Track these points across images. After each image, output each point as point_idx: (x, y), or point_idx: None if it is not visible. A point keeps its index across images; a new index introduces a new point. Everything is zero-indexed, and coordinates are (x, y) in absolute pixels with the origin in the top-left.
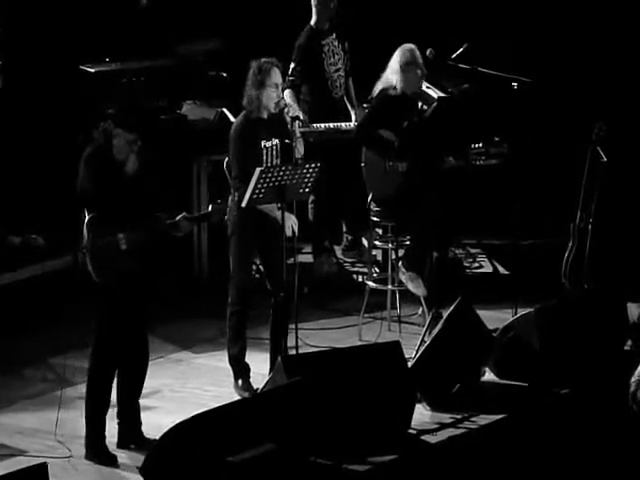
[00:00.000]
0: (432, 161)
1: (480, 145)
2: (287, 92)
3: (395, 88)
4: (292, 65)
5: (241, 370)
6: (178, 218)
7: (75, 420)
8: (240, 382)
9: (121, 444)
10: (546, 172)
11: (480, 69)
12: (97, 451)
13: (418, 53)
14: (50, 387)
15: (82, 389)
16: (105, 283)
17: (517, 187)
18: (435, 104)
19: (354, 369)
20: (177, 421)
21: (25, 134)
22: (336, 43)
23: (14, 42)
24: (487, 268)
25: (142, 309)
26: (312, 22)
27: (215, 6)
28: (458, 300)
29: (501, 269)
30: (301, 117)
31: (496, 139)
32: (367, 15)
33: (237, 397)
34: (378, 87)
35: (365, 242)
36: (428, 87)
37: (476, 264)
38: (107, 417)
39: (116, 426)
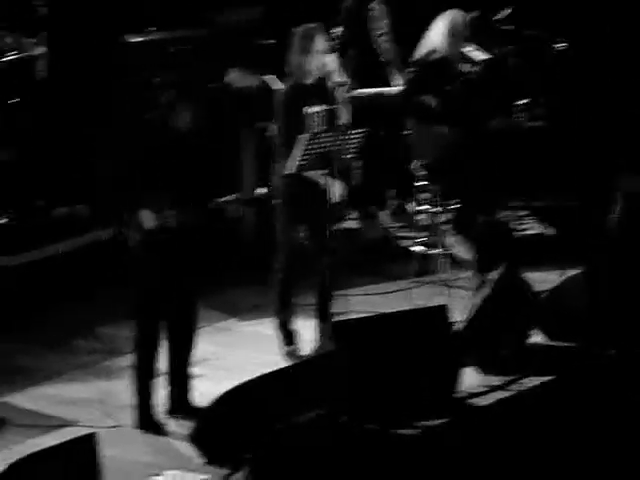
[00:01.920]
0: (476, 124)
1: (525, 101)
2: (332, 56)
3: (438, 52)
4: (338, 29)
5: (288, 336)
6: (230, 199)
7: (125, 390)
8: (288, 348)
9: (171, 412)
10: (591, 133)
11: (525, 31)
12: (145, 420)
13: (464, 19)
14: (99, 357)
15: (131, 359)
16: (142, 255)
17: (563, 148)
18: (479, 66)
19: (401, 334)
20: (225, 389)
21: (72, 106)
22: (382, 7)
23: (57, 15)
24: (535, 230)
25: (188, 276)
26: None
27: None
28: (506, 263)
29: (549, 231)
30: (345, 83)
31: (541, 100)
32: None
33: (284, 364)
34: (421, 51)
35: (411, 207)
36: (472, 49)
37: (524, 226)
38: (157, 386)
39: (166, 394)
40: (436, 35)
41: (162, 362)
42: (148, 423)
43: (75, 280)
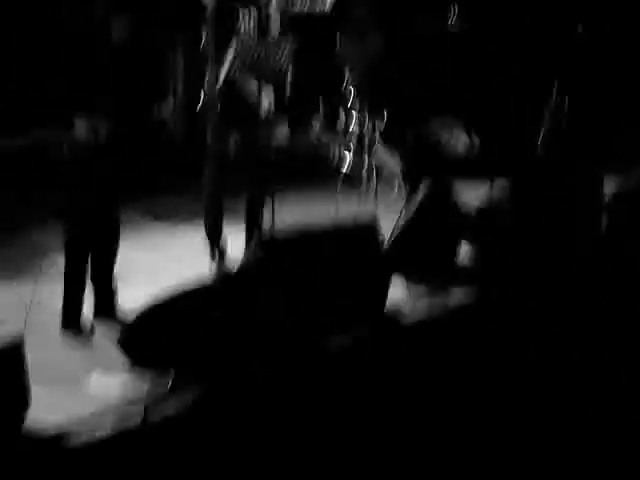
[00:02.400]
0: (408, 29)
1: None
2: None
3: None
4: None
5: (216, 244)
6: (167, 110)
7: (53, 293)
8: (216, 259)
9: (97, 317)
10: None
11: None
12: (73, 325)
13: None
14: (27, 261)
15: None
16: (76, 160)
17: (491, 54)
18: None
19: (329, 247)
20: (152, 296)
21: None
22: None
23: None
24: (462, 141)
25: (115, 181)
26: None
27: None
28: (433, 176)
29: (476, 143)
30: None
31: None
32: None
33: (211, 274)
34: None
35: (342, 120)
36: None
37: (453, 139)
38: (84, 290)
39: (92, 298)
40: None
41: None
42: (75, 327)
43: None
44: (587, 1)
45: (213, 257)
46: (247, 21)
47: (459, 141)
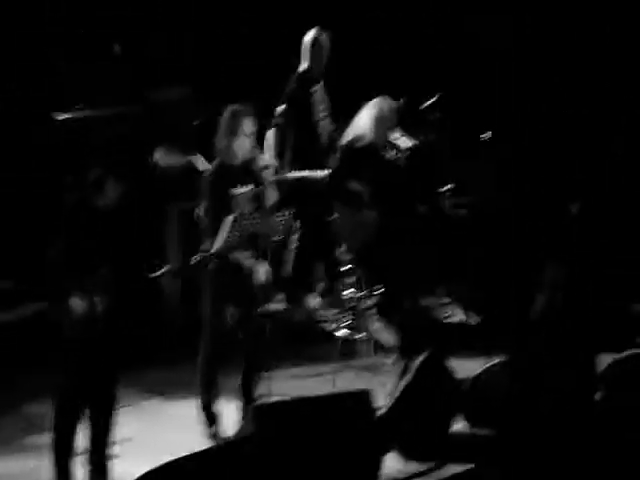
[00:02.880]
0: (403, 210)
1: (449, 187)
2: (271, 132)
3: (365, 138)
4: (280, 107)
5: (211, 418)
6: (163, 271)
7: (48, 467)
8: (211, 430)
9: None
10: (514, 222)
11: (451, 120)
12: None
13: (391, 107)
14: (21, 434)
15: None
16: (72, 337)
17: (487, 236)
18: (406, 153)
19: (324, 418)
20: (146, 469)
21: None
22: (323, 91)
23: None
24: (459, 317)
25: (113, 357)
26: (301, 69)
27: (187, 53)
28: (429, 349)
29: (472, 319)
30: (271, 165)
31: (465, 188)
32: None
33: (208, 444)
34: (348, 136)
35: (338, 291)
36: (398, 136)
37: (448, 313)
38: (76, 465)
39: (85, 473)
40: (363, 121)
41: (81, 441)
42: None
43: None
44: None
45: (209, 426)
46: (242, 192)
47: (455, 316)
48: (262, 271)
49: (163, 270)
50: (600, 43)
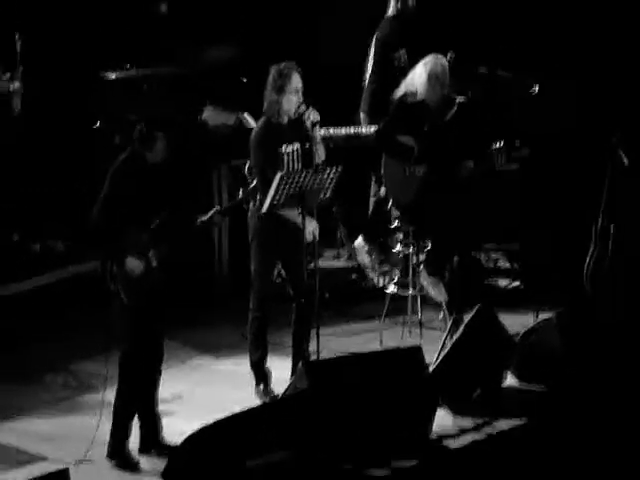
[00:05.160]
0: (452, 165)
1: (501, 144)
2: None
3: (416, 95)
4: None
5: (262, 375)
6: (211, 213)
7: (96, 426)
8: (261, 387)
9: (143, 449)
10: (567, 175)
11: (500, 73)
12: (120, 456)
13: (444, 65)
14: (72, 393)
15: (104, 395)
16: (133, 303)
17: (538, 191)
18: (455, 108)
19: (375, 374)
20: (198, 426)
21: (46, 140)
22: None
23: (33, 50)
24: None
25: (163, 317)
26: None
27: (233, 12)
28: (479, 305)
29: (522, 273)
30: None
31: (517, 143)
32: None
33: (258, 402)
34: (401, 90)
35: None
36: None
37: (497, 268)
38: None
39: (138, 432)
40: (416, 79)
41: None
42: (122, 459)
43: (49, 315)
44: None
45: (258, 384)
46: (291, 150)
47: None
48: (310, 228)
49: (212, 212)
50: None
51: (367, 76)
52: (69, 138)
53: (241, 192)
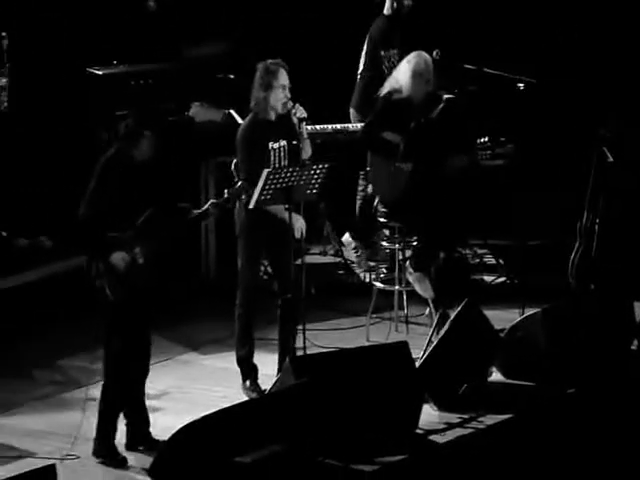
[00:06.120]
0: (438, 162)
1: (486, 140)
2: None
3: (401, 92)
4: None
5: (249, 371)
6: (207, 206)
7: (82, 421)
8: (248, 383)
9: (130, 446)
10: (552, 172)
11: (486, 70)
12: (107, 452)
13: (428, 62)
14: (58, 389)
15: (90, 391)
16: (118, 299)
17: (523, 187)
18: (442, 105)
19: (362, 369)
20: (185, 422)
21: (33, 136)
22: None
23: (20, 46)
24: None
25: (150, 314)
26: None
27: (222, 9)
28: (465, 301)
29: (508, 269)
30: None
31: (502, 139)
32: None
33: (245, 398)
34: (386, 88)
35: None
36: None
37: (483, 264)
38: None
39: (124, 428)
40: (401, 75)
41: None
42: (109, 455)
43: (34, 312)
44: None
45: (245, 380)
46: (278, 146)
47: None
48: (298, 225)
49: (208, 204)
50: None
51: (359, 72)
52: (56, 134)
53: (226, 193)
